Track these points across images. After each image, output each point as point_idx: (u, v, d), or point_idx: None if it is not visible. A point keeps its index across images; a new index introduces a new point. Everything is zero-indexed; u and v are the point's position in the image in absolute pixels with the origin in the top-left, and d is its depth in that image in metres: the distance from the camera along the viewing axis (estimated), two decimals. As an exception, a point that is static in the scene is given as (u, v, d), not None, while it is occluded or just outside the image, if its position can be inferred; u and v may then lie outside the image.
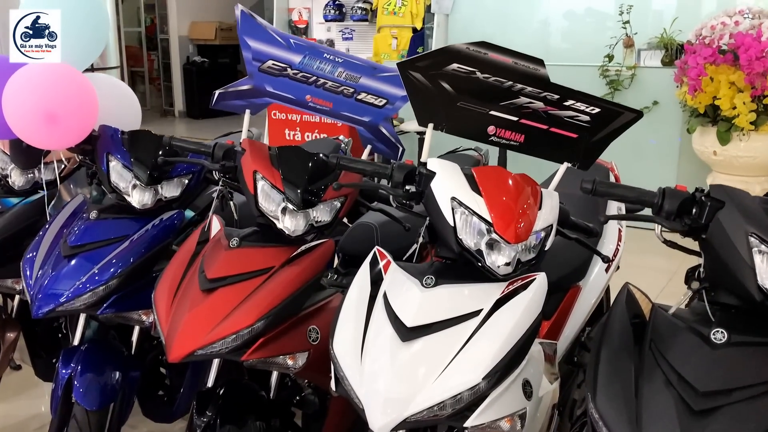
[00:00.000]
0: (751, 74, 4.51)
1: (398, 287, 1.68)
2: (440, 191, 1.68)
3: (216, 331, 1.83)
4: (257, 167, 1.97)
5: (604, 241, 2.40)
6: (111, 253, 2.16)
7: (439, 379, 1.51)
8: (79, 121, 2.21)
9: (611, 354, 1.46)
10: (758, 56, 4.46)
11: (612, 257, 2.42)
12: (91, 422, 2.07)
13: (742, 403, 1.30)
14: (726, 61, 4.67)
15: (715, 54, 4.70)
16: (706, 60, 4.74)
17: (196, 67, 12.04)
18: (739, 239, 1.36)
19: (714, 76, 4.72)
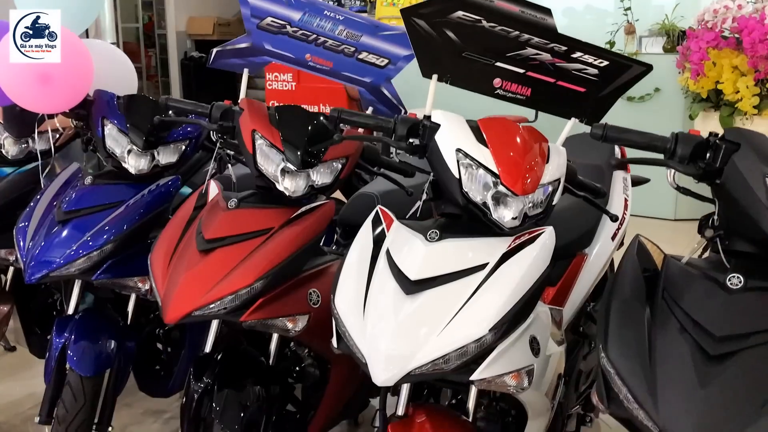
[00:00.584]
0: (755, 57, 4.47)
1: (401, 243, 1.63)
2: (445, 143, 1.63)
3: (214, 291, 1.78)
4: (256, 126, 1.92)
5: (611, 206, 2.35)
6: (106, 218, 2.12)
7: (444, 332, 1.46)
8: (74, 84, 2.16)
9: (622, 304, 1.41)
10: (761, 39, 4.42)
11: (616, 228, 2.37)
12: (85, 389, 2.02)
13: (759, 347, 1.25)
14: (729, 45, 4.62)
15: (718, 38, 4.65)
16: (708, 44, 4.69)
17: (194, 63, 11.96)
18: (755, 181, 1.32)
19: (716, 60, 4.67)
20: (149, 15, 12.85)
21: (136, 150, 2.20)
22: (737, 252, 1.40)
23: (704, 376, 1.24)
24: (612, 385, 1.34)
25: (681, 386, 1.25)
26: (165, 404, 2.92)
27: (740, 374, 1.23)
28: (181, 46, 12.23)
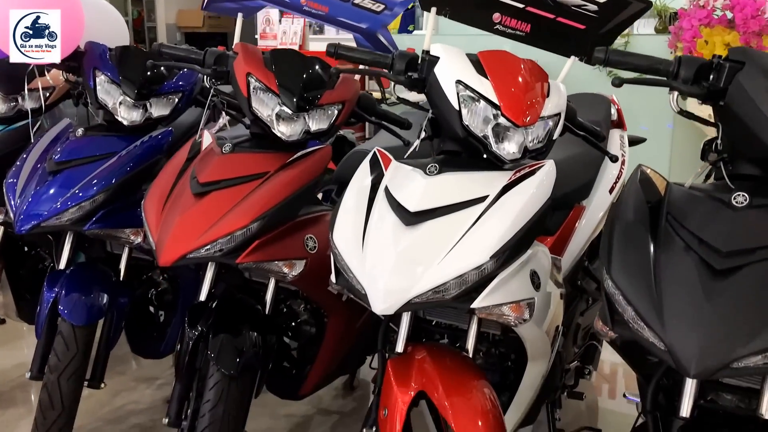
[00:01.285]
0: (747, 33, 4.47)
1: (401, 179, 1.61)
2: (444, 76, 1.60)
3: (209, 233, 1.76)
4: (251, 69, 1.89)
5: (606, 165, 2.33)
6: (98, 169, 2.08)
7: (444, 261, 1.44)
8: (65, 34, 2.13)
9: (626, 228, 1.39)
10: (753, 15, 4.42)
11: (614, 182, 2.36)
12: (77, 338, 1.98)
13: (766, 261, 1.23)
14: (721, 22, 4.62)
15: (710, 15, 4.66)
16: (700, 22, 4.70)
17: (184, 55, 11.92)
18: (760, 98, 1.30)
19: (709, 38, 4.67)
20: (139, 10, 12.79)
21: (128, 101, 2.16)
22: (741, 175, 1.38)
23: (710, 290, 1.22)
24: (617, 307, 1.32)
25: (687, 301, 1.22)
26: (158, 371, 2.90)
27: (746, 287, 1.21)
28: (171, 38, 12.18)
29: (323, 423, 2.54)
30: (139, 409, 2.61)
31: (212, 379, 1.73)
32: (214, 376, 1.73)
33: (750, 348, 1.16)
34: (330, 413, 2.61)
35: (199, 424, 1.72)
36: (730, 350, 1.16)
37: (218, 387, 1.72)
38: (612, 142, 2.42)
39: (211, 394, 1.72)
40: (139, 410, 2.60)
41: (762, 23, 4.41)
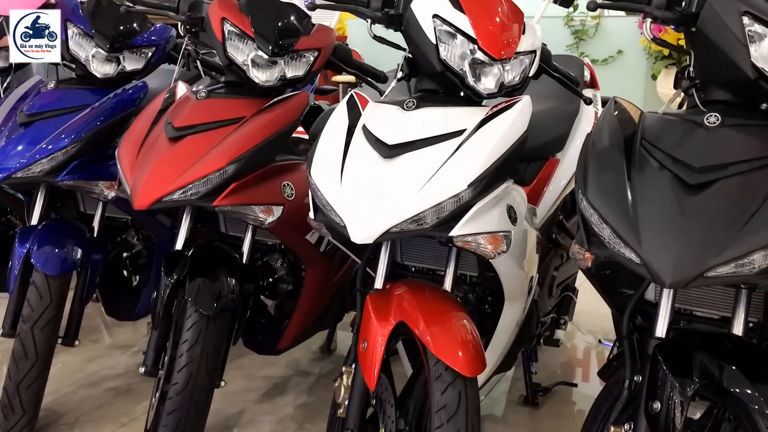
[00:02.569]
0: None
1: (378, 115, 1.61)
2: (421, 11, 1.61)
3: (185, 176, 1.74)
4: (225, 14, 1.88)
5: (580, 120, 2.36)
6: (70, 121, 2.05)
7: (422, 191, 1.44)
8: (35, -17, 2.09)
9: (600, 152, 1.41)
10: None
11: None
12: (51, 288, 1.95)
13: (738, 176, 1.25)
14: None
15: (679, -6, 4.73)
16: (669, 0, 4.77)
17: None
18: (731, 20, 1.32)
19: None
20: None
21: (101, 54, 2.14)
22: (714, 101, 1.40)
23: (684, 205, 1.24)
24: (593, 229, 1.33)
25: (662, 216, 1.24)
26: (132, 339, 2.87)
27: (719, 200, 1.23)
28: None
29: (300, 383, 2.54)
30: (114, 374, 2.58)
31: (190, 320, 1.72)
32: (191, 317, 1.72)
33: (722, 258, 1.18)
34: (307, 374, 2.61)
35: (176, 364, 1.71)
36: (703, 260, 1.18)
37: (196, 327, 1.71)
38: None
39: (189, 334, 1.71)
40: (114, 375, 2.57)
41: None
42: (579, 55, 5.74)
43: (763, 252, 1.18)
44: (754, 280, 1.22)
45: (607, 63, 5.65)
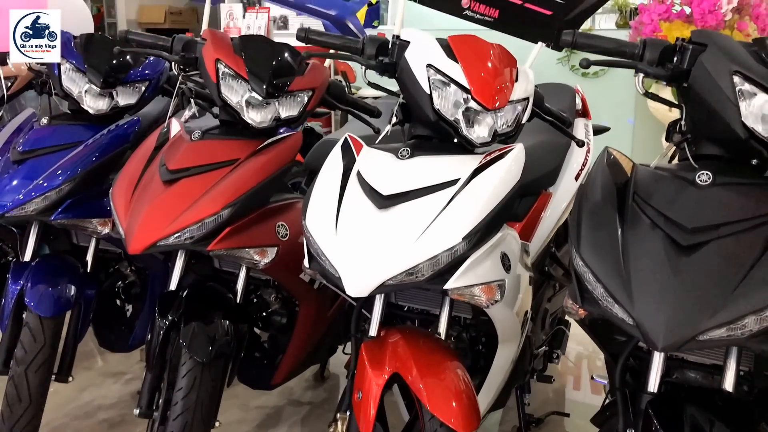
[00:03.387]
0: (705, 28, 4.57)
1: (373, 163, 1.62)
2: (415, 60, 1.62)
3: (179, 220, 1.74)
4: (220, 55, 1.88)
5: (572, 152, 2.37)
6: (64, 158, 2.05)
7: (417, 243, 1.45)
8: (28, 20, 2.09)
9: (593, 207, 1.42)
10: (710, 10, 4.53)
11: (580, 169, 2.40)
12: (45, 329, 1.95)
13: (730, 237, 1.27)
14: (679, 17, 4.72)
15: (669, 10, 4.76)
16: (660, 17, 4.79)
17: (146, 52, 11.78)
18: (722, 79, 1.34)
19: (668, 32, 4.77)
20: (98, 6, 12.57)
21: (94, 90, 2.13)
22: (705, 156, 1.42)
23: (676, 266, 1.25)
24: (586, 285, 1.34)
25: (654, 277, 1.26)
26: (125, 366, 2.86)
27: (711, 262, 1.24)
28: (132, 35, 11.99)
29: (294, 414, 2.54)
30: (108, 404, 2.58)
31: (185, 367, 1.72)
32: (186, 364, 1.72)
33: (714, 321, 1.19)
34: (301, 404, 2.61)
35: (171, 412, 1.71)
36: (695, 324, 1.20)
37: (191, 374, 1.71)
38: (577, 130, 2.45)
39: (184, 381, 1.71)
40: (107, 405, 2.57)
41: (719, 18, 4.52)
42: (570, 68, 5.79)
43: (755, 316, 1.19)
44: (745, 344, 1.23)
45: (599, 75, 5.67)
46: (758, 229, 1.28)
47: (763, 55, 1.36)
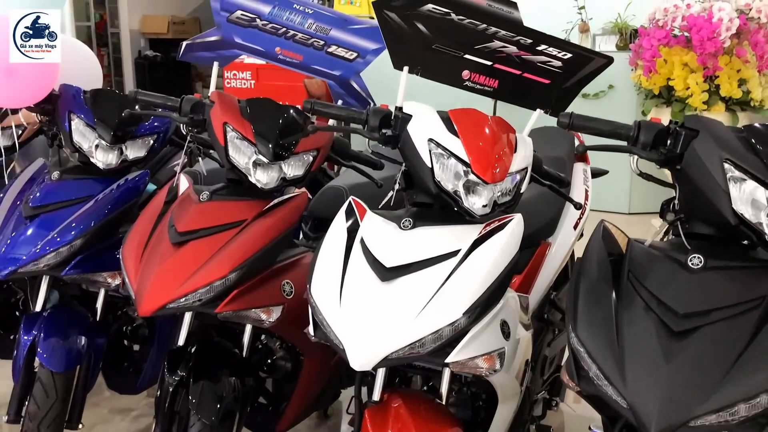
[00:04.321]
0: (703, 55, 4.63)
1: (376, 231, 1.67)
2: (417, 133, 1.67)
3: (188, 283, 1.79)
4: (227, 119, 1.93)
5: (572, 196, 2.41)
6: (74, 214, 2.11)
7: (420, 317, 1.50)
8: (40, 77, 2.15)
9: (589, 286, 1.47)
10: (710, 37, 4.58)
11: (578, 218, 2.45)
12: (57, 385, 2.01)
13: (720, 322, 1.32)
14: (679, 42, 4.78)
15: (669, 36, 4.81)
16: (660, 42, 4.84)
17: (149, 62, 11.83)
18: (713, 166, 1.39)
19: (667, 57, 4.82)
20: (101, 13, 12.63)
21: (104, 144, 2.19)
22: (697, 234, 1.47)
23: (669, 351, 1.30)
24: (582, 363, 1.40)
25: (647, 361, 1.31)
26: (132, 402, 2.91)
27: (702, 348, 1.30)
28: (135, 44, 12.06)
29: (298, 454, 2.59)
30: (115, 442, 2.63)
31: (194, 428, 1.77)
32: (195, 426, 1.77)
33: (706, 407, 1.25)
34: (305, 443, 2.66)
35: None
36: (688, 410, 1.25)
37: (200, 435, 1.77)
38: (576, 175, 2.50)
39: (193, 440, 1.76)
40: (115, 443, 2.62)
41: (718, 45, 4.57)
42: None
43: (745, 404, 1.24)
44: (736, 429, 1.28)
45: (598, 97, 5.72)
46: (747, 314, 1.33)
47: (753, 142, 1.41)
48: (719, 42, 4.56)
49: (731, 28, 4.56)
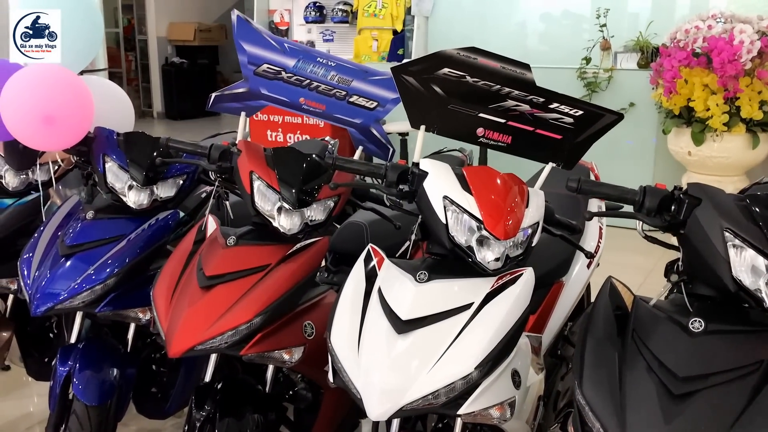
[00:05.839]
0: (724, 77, 4.65)
1: (392, 282, 1.75)
2: (433, 190, 1.75)
3: (215, 326, 1.89)
4: (254, 168, 2.03)
5: (585, 237, 2.49)
6: (108, 252, 2.21)
7: (434, 369, 1.58)
8: (76, 123, 2.25)
9: (596, 343, 1.55)
10: (730, 59, 4.60)
11: (593, 253, 2.52)
12: (91, 418, 2.12)
13: (719, 386, 1.39)
14: (700, 63, 4.80)
15: (690, 57, 4.83)
16: (680, 63, 4.87)
17: (175, 68, 12.04)
18: (714, 234, 1.46)
19: (688, 78, 4.85)
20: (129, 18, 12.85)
21: (137, 186, 2.29)
22: (699, 295, 1.54)
23: (669, 413, 1.37)
24: (586, 419, 1.47)
25: (647, 423, 1.38)
26: (160, 424, 3.02)
27: (701, 412, 1.36)
28: (162, 51, 12.27)
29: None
30: (144, 463, 2.74)
31: (221, 466, 1.88)
32: (222, 463, 1.88)
33: None
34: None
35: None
36: None
37: (226, 472, 1.87)
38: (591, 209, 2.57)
39: (219, 477, 1.86)
40: (143, 465, 2.73)
41: (738, 67, 4.59)
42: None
43: None
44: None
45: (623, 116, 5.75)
46: (746, 379, 1.39)
47: (755, 210, 1.47)
48: (740, 65, 4.58)
49: (752, 51, 4.58)
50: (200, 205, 2.79)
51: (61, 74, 2.21)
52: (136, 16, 12.64)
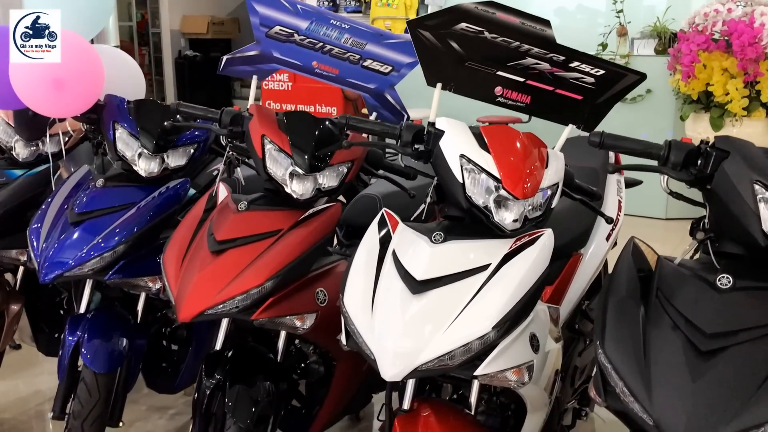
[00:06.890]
0: (744, 60, 4.56)
1: (407, 244, 1.70)
2: (449, 149, 1.70)
3: (226, 290, 1.85)
4: (265, 131, 1.99)
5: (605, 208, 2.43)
6: (117, 220, 2.18)
7: (449, 330, 1.54)
8: (86, 88, 2.22)
9: (618, 302, 1.49)
10: (751, 42, 4.51)
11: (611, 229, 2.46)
12: (99, 385, 2.09)
13: (747, 343, 1.33)
14: (719, 47, 4.71)
15: (708, 41, 4.75)
16: (699, 47, 4.78)
17: (188, 62, 12.02)
18: (743, 187, 1.40)
19: (707, 62, 4.76)
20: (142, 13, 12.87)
21: (147, 153, 2.26)
22: (726, 254, 1.48)
23: (695, 371, 1.32)
24: (609, 380, 1.42)
25: (674, 380, 1.32)
26: (170, 401, 2.99)
27: (729, 369, 1.31)
28: (176, 44, 12.27)
29: (330, 456, 2.64)
30: (154, 439, 2.71)
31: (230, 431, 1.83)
32: (231, 429, 1.84)
33: (731, 428, 1.26)
34: (337, 445, 2.71)
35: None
36: (713, 429, 1.26)
37: (235, 438, 1.83)
38: (609, 186, 2.51)
39: (229, 442, 1.82)
40: (153, 441, 2.70)
41: (759, 51, 4.50)
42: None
43: None
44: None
45: (636, 102, 5.68)
46: (776, 336, 1.34)
47: (785, 163, 1.42)
48: (761, 47, 4.49)
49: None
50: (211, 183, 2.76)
51: (71, 39, 2.18)
52: (149, 9, 12.65)
